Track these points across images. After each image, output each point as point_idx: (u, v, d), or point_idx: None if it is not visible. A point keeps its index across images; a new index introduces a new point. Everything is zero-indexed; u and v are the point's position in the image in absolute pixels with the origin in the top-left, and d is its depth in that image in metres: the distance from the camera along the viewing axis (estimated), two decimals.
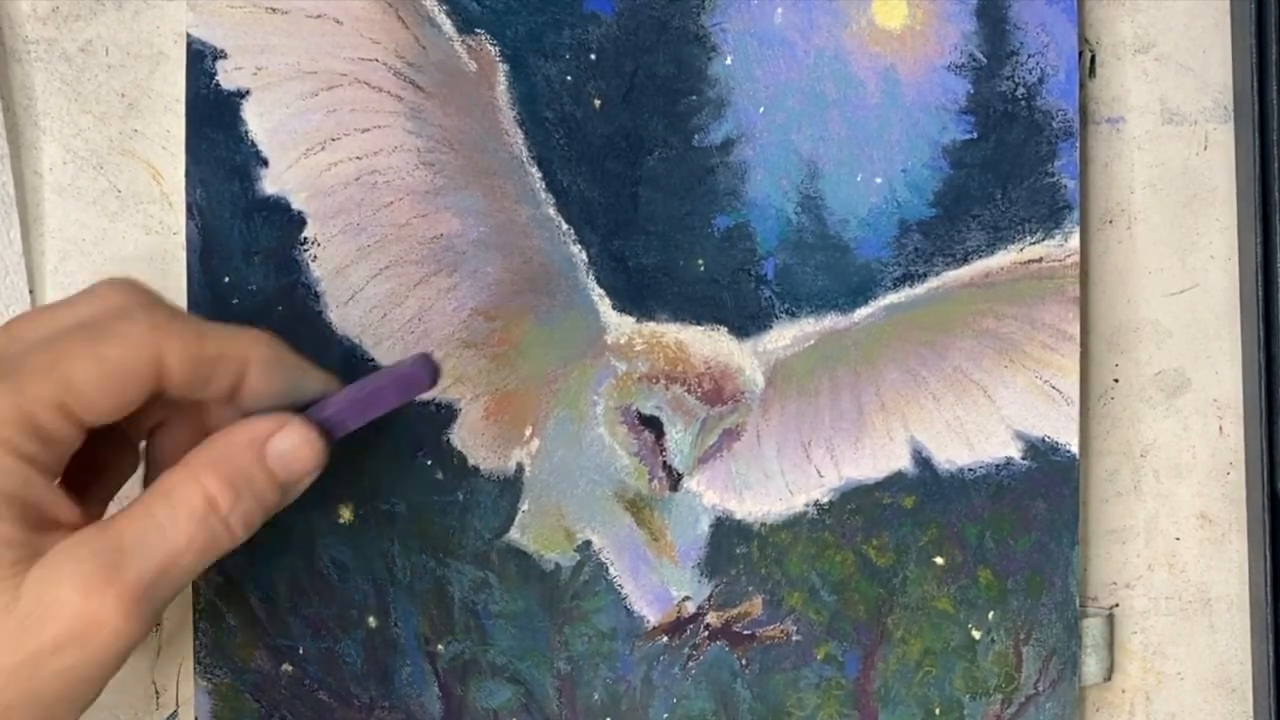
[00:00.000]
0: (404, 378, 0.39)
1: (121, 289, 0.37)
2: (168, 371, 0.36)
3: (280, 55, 0.46)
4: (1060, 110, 0.47)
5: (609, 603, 0.47)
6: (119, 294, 0.37)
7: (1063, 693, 0.47)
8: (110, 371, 0.35)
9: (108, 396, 0.35)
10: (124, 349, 0.35)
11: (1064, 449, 0.47)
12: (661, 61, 0.47)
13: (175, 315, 0.37)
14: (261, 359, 0.37)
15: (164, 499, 0.36)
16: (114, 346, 0.35)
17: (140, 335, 0.35)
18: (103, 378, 0.35)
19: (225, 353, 0.37)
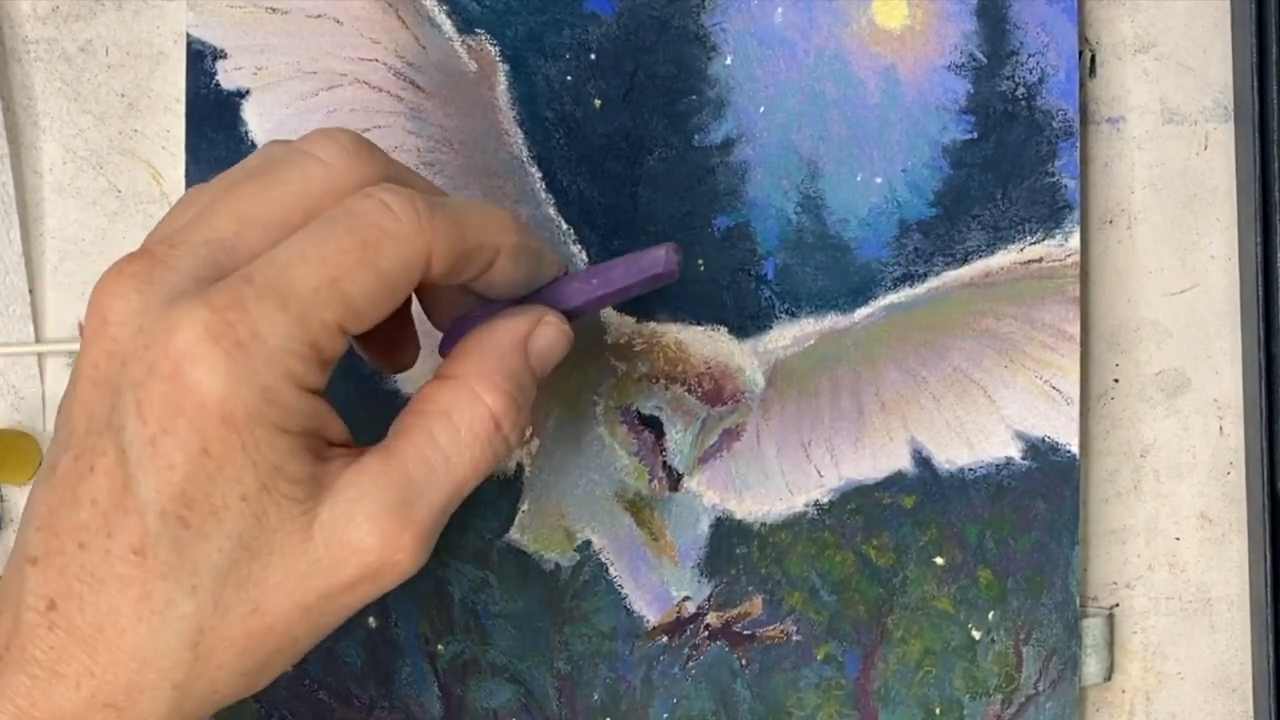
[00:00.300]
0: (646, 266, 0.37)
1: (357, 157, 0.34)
2: (431, 271, 0.34)
3: (280, 55, 0.46)
4: (1060, 110, 0.47)
5: (609, 603, 0.47)
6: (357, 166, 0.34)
7: (1063, 693, 0.47)
8: (386, 285, 0.33)
9: (380, 309, 0.33)
10: (399, 259, 0.33)
11: (1064, 449, 0.47)
12: (661, 61, 0.47)
13: (434, 205, 0.33)
14: (511, 246, 0.35)
15: (446, 421, 0.34)
16: (390, 258, 0.32)
17: (413, 240, 0.33)
18: (380, 292, 0.33)
19: (483, 243, 0.35)
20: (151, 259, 0.32)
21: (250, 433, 0.31)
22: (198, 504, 0.31)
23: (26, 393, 0.47)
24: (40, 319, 0.47)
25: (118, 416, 0.32)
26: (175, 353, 0.31)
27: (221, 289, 0.31)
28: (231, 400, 0.31)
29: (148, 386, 0.31)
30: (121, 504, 0.32)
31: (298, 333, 0.32)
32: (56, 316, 0.47)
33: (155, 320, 0.31)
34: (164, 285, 0.32)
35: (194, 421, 0.31)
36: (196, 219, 0.33)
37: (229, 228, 0.33)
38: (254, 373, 0.31)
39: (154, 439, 0.31)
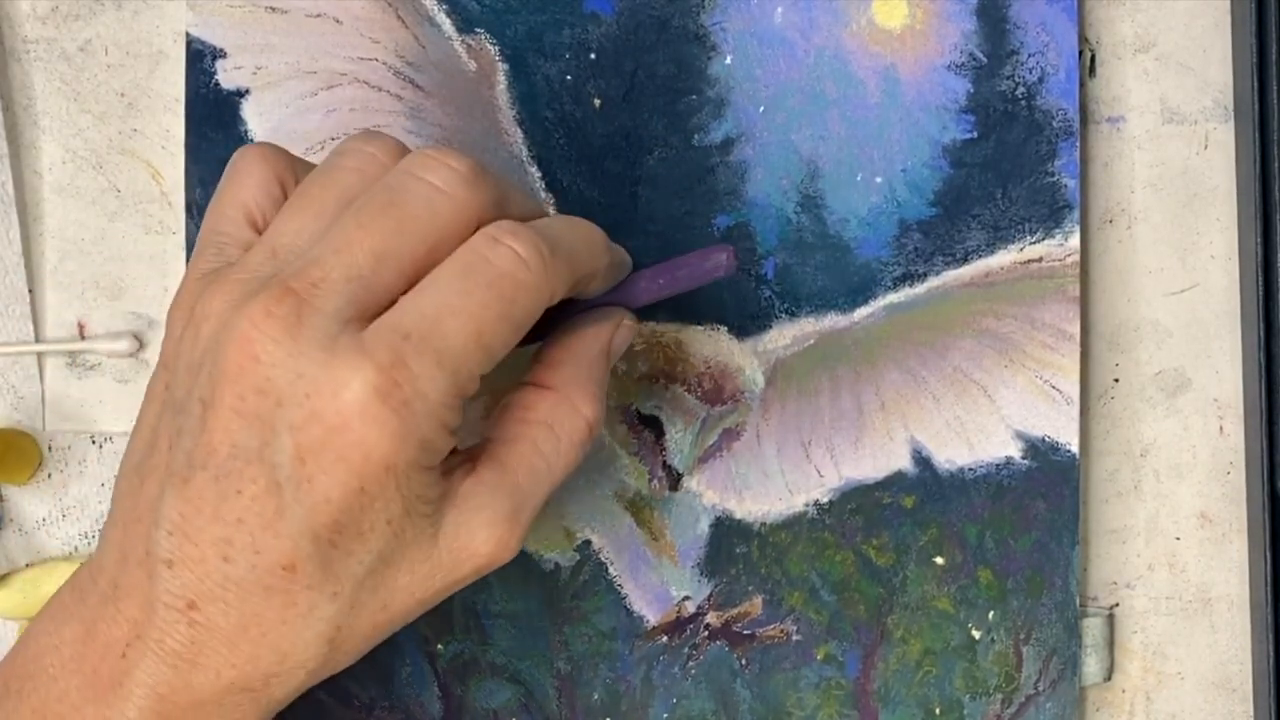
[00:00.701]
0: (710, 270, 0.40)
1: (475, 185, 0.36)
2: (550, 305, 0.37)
3: (280, 55, 0.46)
4: (1060, 110, 0.47)
5: (609, 603, 0.47)
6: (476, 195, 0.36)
7: (1063, 693, 0.47)
8: (518, 331, 0.36)
9: (510, 349, 0.36)
10: (531, 307, 0.35)
11: (1064, 449, 0.47)
12: (661, 61, 0.47)
13: (553, 246, 0.36)
14: (604, 268, 0.38)
15: (549, 432, 0.38)
16: (523, 307, 0.35)
17: (541, 287, 0.35)
18: (513, 338, 0.36)
19: (588, 271, 0.38)
20: (298, 300, 0.34)
21: (405, 475, 0.34)
22: (348, 529, 0.35)
23: (26, 392, 0.47)
24: (40, 319, 0.47)
25: (272, 453, 0.34)
26: (343, 408, 0.33)
27: (381, 344, 0.34)
28: (395, 454, 0.34)
29: (308, 431, 0.34)
30: (272, 527, 0.34)
31: (452, 387, 0.34)
32: (56, 316, 0.47)
33: (317, 370, 0.34)
34: (315, 329, 0.34)
35: (355, 467, 0.34)
36: (331, 251, 0.35)
37: (366, 265, 0.35)
38: (416, 428, 0.34)
39: (312, 477, 0.34)
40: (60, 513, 0.47)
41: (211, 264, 0.37)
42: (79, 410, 0.47)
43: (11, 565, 0.47)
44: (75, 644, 0.36)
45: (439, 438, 0.35)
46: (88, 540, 0.47)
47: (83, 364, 0.47)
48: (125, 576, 0.36)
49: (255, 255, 0.36)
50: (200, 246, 0.38)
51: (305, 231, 0.36)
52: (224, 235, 0.38)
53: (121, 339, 0.47)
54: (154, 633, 0.35)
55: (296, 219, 0.36)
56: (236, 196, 0.38)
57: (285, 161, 0.39)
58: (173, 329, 0.37)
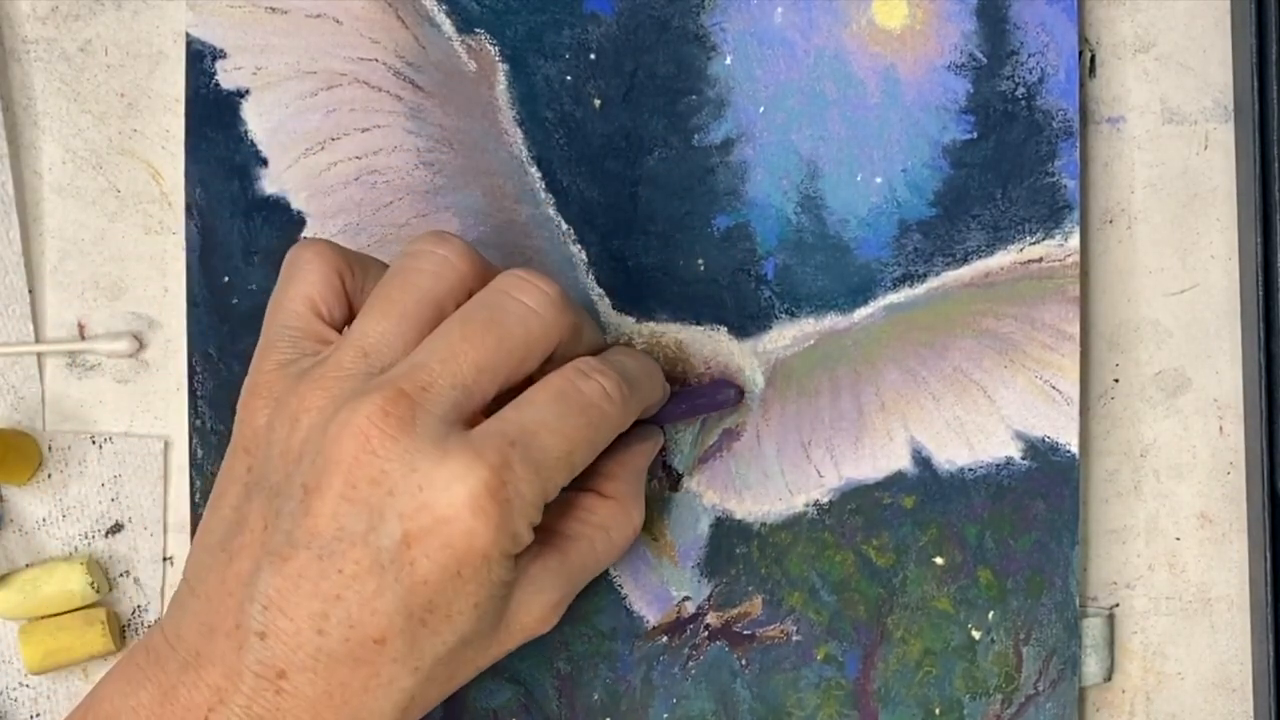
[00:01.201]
0: (721, 403, 0.46)
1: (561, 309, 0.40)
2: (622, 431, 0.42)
3: (280, 55, 0.46)
4: (1060, 110, 0.47)
5: (609, 603, 0.47)
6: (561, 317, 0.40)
7: (1063, 693, 0.47)
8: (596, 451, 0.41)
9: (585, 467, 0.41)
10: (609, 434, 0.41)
11: (1064, 449, 0.47)
12: (661, 61, 0.47)
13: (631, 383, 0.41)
14: (658, 402, 0.44)
15: (605, 536, 0.43)
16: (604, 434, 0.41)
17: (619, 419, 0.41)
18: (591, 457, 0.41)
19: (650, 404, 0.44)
20: (411, 403, 0.38)
21: (497, 563, 0.38)
22: (439, 610, 0.38)
23: (26, 393, 0.47)
24: (40, 319, 0.47)
25: (378, 537, 0.37)
26: (455, 500, 0.37)
27: (491, 447, 0.38)
28: (493, 545, 0.38)
29: (418, 519, 0.37)
30: (369, 604, 0.37)
31: (541, 492, 0.39)
32: (56, 316, 0.47)
33: (431, 465, 0.37)
34: (427, 429, 0.37)
35: (457, 554, 0.37)
36: (440, 360, 0.38)
37: (470, 375, 0.38)
38: (513, 524, 0.38)
39: (415, 560, 0.37)
40: (60, 513, 0.47)
41: (287, 355, 0.40)
42: (79, 410, 0.47)
43: (11, 565, 0.47)
44: (153, 706, 0.38)
45: (526, 532, 0.39)
46: (87, 540, 0.47)
47: (83, 364, 0.47)
48: (210, 646, 0.38)
49: (345, 354, 0.39)
50: (269, 339, 0.41)
51: (391, 333, 0.39)
52: (294, 329, 0.41)
53: (121, 339, 0.47)
54: (239, 699, 0.37)
55: (382, 321, 0.40)
56: (300, 291, 0.41)
57: (341, 256, 0.42)
58: (254, 416, 0.40)
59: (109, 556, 0.47)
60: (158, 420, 0.47)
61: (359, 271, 0.42)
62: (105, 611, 0.46)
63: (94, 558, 0.47)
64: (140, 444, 0.47)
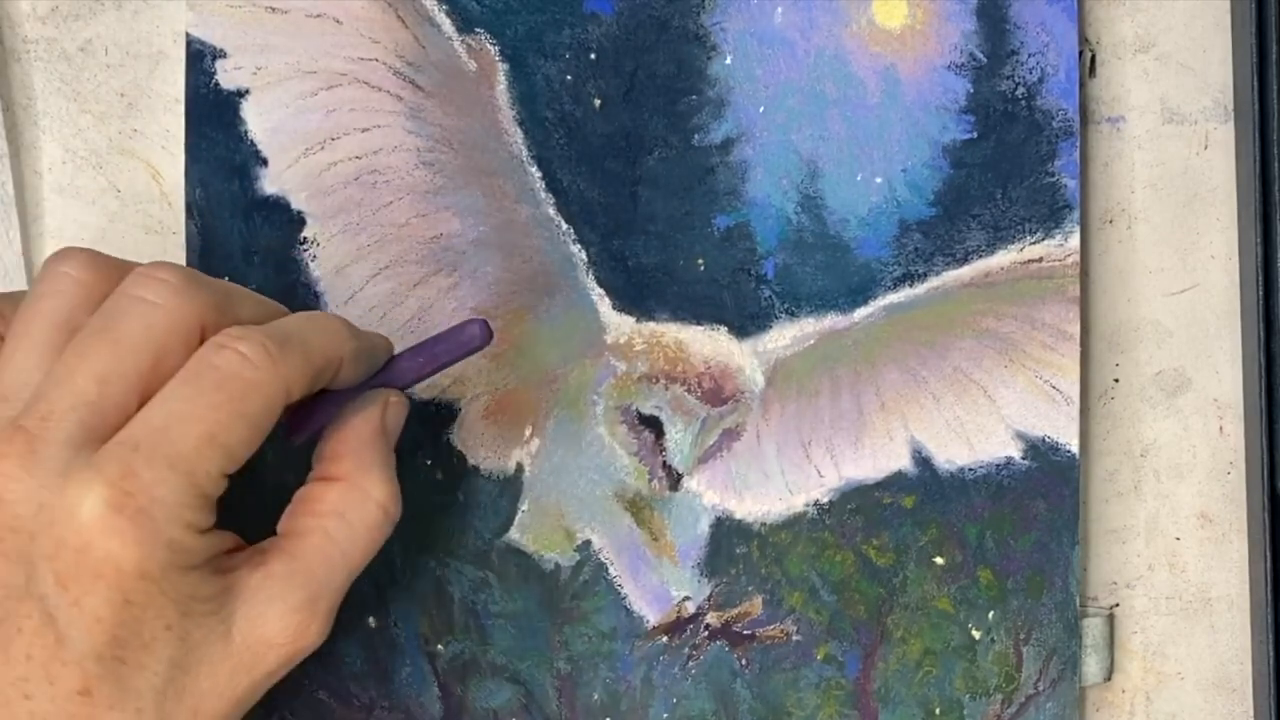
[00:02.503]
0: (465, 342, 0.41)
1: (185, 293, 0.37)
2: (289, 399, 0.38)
3: (280, 55, 0.46)
4: (1060, 110, 0.47)
5: (609, 603, 0.47)
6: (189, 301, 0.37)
7: (1063, 693, 0.47)
8: (256, 427, 0.37)
9: (253, 447, 0.37)
10: (263, 402, 0.37)
11: (1064, 449, 0.47)
12: (661, 61, 0.47)
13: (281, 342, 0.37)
14: (350, 353, 0.39)
15: (340, 520, 0.39)
16: (255, 403, 0.36)
17: (272, 382, 0.37)
18: (251, 435, 0.37)
19: (328, 359, 0.38)
20: (29, 436, 0.35)
21: (164, 578, 0.35)
22: (129, 643, 0.35)
23: None
24: None
25: (36, 585, 0.35)
26: (82, 527, 0.34)
27: (111, 459, 0.35)
28: (145, 560, 0.35)
29: (61, 558, 0.35)
30: (58, 656, 0.35)
31: (188, 488, 0.35)
32: None
33: (53, 497, 0.35)
34: (49, 459, 0.35)
35: (113, 582, 0.35)
36: (55, 383, 0.36)
37: (91, 389, 0.36)
38: (158, 532, 0.35)
39: (77, 600, 0.35)
40: None
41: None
42: None
43: None
44: None
45: (186, 537, 0.36)
46: None
47: None
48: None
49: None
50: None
51: (25, 368, 0.37)
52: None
53: None
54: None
55: (14, 359, 0.37)
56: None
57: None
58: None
59: None
60: None
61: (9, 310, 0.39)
62: None
63: None
64: None
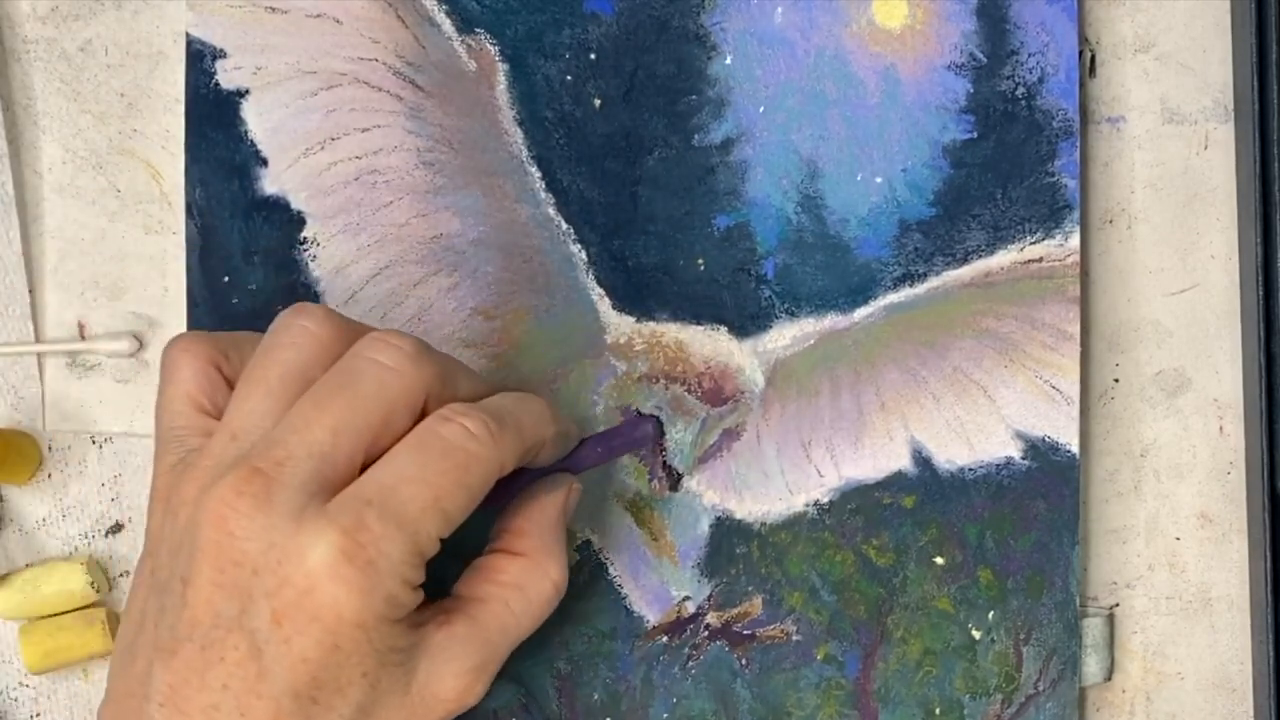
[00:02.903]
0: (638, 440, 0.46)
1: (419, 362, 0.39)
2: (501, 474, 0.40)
3: (280, 55, 0.46)
4: (1060, 110, 0.47)
5: (609, 603, 0.47)
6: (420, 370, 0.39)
7: (1063, 693, 0.47)
8: (473, 497, 0.39)
9: (467, 514, 0.39)
10: (482, 475, 0.39)
11: (1064, 449, 0.47)
12: (661, 61, 0.47)
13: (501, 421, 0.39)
14: (553, 437, 0.42)
15: (520, 594, 0.41)
16: (476, 475, 0.39)
17: (491, 458, 0.39)
18: (468, 503, 0.39)
19: (536, 441, 0.41)
20: (266, 479, 0.37)
21: (375, 629, 0.37)
22: (326, 685, 0.37)
23: (26, 393, 0.47)
24: (40, 319, 0.47)
25: (250, 619, 0.37)
26: (311, 570, 0.36)
27: (345, 510, 0.37)
28: (363, 610, 0.37)
29: (281, 596, 0.37)
30: (255, 689, 0.37)
31: (412, 547, 0.38)
32: (56, 316, 0.47)
33: (284, 538, 0.37)
34: (283, 503, 0.37)
35: (329, 626, 0.37)
36: (293, 430, 0.38)
37: (326, 440, 0.38)
38: (380, 585, 0.37)
39: (289, 639, 0.37)
40: (60, 513, 0.47)
41: (177, 455, 0.40)
42: (79, 410, 0.47)
43: (11, 565, 0.47)
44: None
45: (402, 593, 0.38)
46: (88, 540, 0.47)
47: (83, 364, 0.47)
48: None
49: (217, 441, 0.39)
50: (161, 445, 0.41)
51: (257, 412, 0.39)
52: (179, 429, 0.41)
53: (121, 339, 0.47)
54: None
55: (248, 401, 0.39)
56: (177, 391, 0.41)
57: (212, 344, 0.41)
58: (153, 519, 0.40)
59: (109, 556, 0.47)
60: None
61: (234, 353, 0.41)
62: (105, 611, 0.46)
63: (94, 558, 0.47)
64: (140, 444, 0.47)
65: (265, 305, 0.46)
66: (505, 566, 0.42)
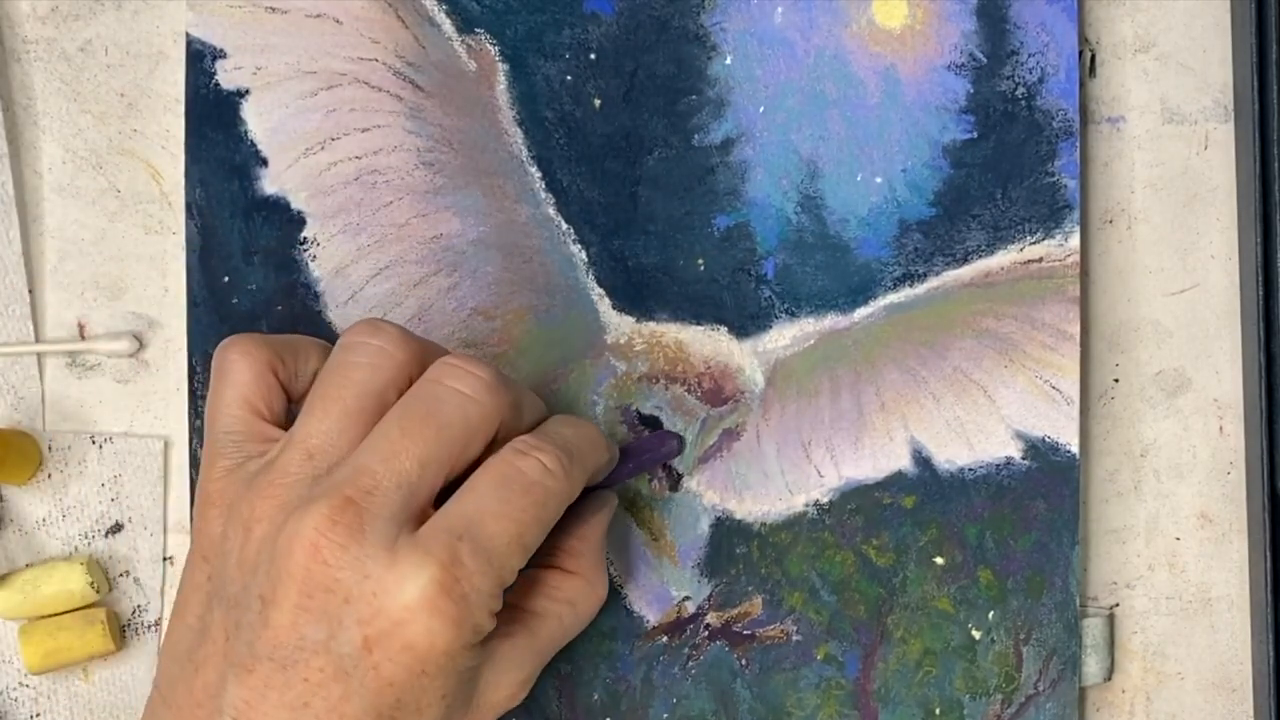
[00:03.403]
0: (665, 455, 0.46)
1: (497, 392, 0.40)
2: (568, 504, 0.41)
3: (280, 55, 0.46)
4: (1060, 110, 0.47)
5: (609, 603, 0.47)
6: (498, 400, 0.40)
7: (1063, 693, 0.47)
8: (547, 529, 0.40)
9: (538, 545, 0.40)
10: (557, 509, 0.40)
11: (1064, 449, 0.47)
12: (661, 61, 0.47)
13: (571, 455, 0.41)
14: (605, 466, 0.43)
15: (572, 610, 0.43)
16: (551, 510, 0.40)
17: (565, 493, 0.40)
18: (543, 535, 0.40)
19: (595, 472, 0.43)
20: (358, 509, 0.38)
21: (460, 655, 0.38)
22: (407, 706, 0.38)
23: (26, 393, 0.47)
24: (40, 319, 0.47)
25: (339, 644, 0.37)
26: (409, 602, 0.37)
27: (439, 543, 0.38)
28: (455, 641, 0.38)
29: (374, 625, 0.37)
30: (338, 709, 0.37)
31: (498, 580, 0.39)
32: (56, 316, 0.47)
33: (380, 569, 0.37)
34: (376, 534, 0.38)
35: (419, 654, 0.38)
36: (381, 459, 0.38)
37: (414, 471, 0.38)
38: (471, 616, 0.38)
39: (378, 665, 0.37)
40: (60, 513, 0.47)
41: (233, 460, 0.40)
42: (79, 410, 0.47)
43: (11, 565, 0.47)
44: None
45: (486, 622, 0.39)
46: (87, 540, 0.47)
47: (83, 364, 0.47)
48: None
49: (291, 458, 0.39)
50: (213, 446, 0.41)
51: (334, 431, 0.39)
52: (235, 434, 0.41)
53: (121, 339, 0.47)
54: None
55: (324, 420, 0.40)
56: (234, 394, 0.41)
57: (269, 348, 0.42)
58: (209, 525, 0.40)
59: (109, 556, 0.47)
60: (158, 420, 0.47)
61: (290, 359, 0.42)
62: (105, 611, 0.46)
63: (94, 558, 0.47)
64: (140, 444, 0.47)
65: (265, 305, 0.46)
66: (561, 584, 0.43)
